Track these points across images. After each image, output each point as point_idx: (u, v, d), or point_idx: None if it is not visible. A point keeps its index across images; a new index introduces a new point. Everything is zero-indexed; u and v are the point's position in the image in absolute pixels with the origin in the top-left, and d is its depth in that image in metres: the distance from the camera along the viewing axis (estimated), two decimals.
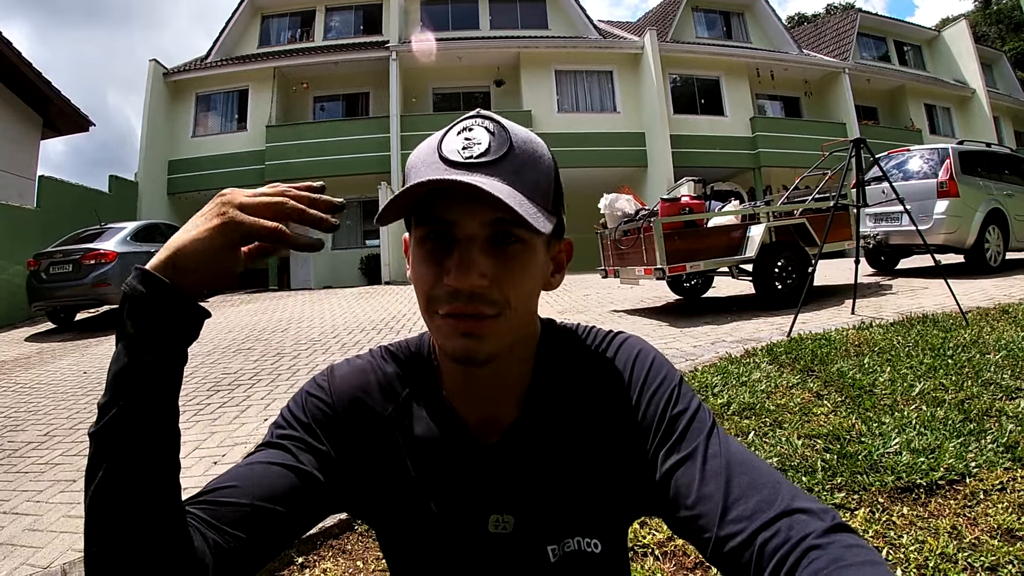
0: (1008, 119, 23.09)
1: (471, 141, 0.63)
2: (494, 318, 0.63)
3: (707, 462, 0.61)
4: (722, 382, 3.41)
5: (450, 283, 0.61)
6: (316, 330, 7.22)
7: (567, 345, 0.76)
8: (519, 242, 0.64)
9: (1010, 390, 2.90)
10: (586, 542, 0.70)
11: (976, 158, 8.14)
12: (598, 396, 0.71)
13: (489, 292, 0.62)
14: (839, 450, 2.38)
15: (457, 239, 0.62)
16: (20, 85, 11.92)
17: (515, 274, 0.64)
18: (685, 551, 1.92)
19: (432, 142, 0.66)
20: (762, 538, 0.53)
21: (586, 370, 0.73)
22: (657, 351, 0.74)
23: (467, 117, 0.66)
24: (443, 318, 0.64)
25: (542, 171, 0.66)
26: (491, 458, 0.71)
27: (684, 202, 6.54)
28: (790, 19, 40.47)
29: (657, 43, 16.94)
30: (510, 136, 0.64)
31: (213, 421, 4.00)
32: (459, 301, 0.62)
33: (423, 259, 0.65)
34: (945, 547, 1.77)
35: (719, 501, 0.57)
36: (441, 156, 0.63)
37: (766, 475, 0.59)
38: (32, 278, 9.02)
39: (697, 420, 0.65)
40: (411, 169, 0.66)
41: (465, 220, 0.62)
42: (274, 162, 15.70)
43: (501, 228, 0.62)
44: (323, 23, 18.59)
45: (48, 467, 3.44)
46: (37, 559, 2.36)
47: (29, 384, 5.81)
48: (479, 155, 0.62)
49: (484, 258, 0.62)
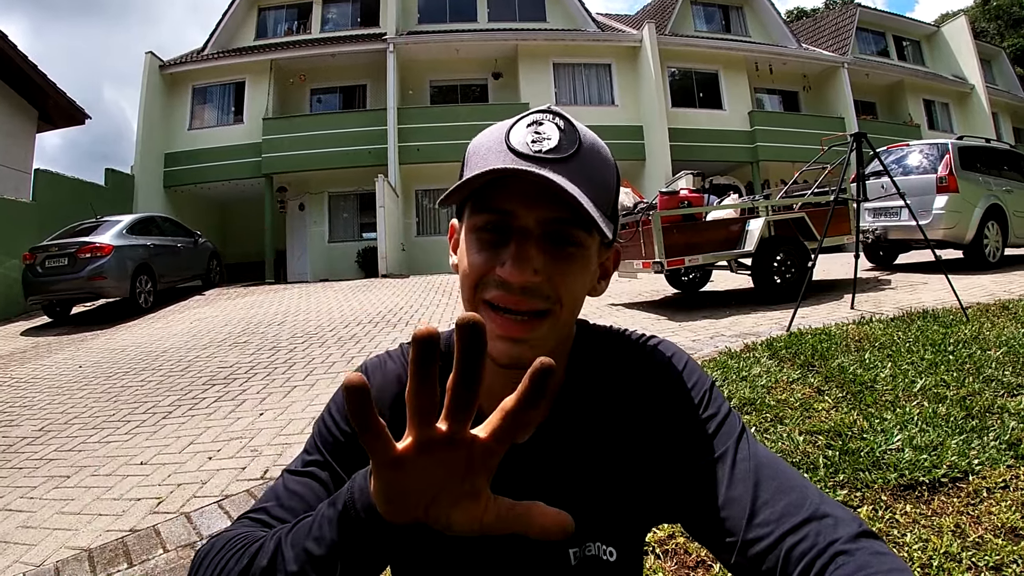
0: (1007, 115, 23.09)
1: (541, 135, 0.61)
2: (541, 317, 0.62)
3: (736, 465, 0.61)
4: (722, 377, 3.39)
5: (503, 275, 0.60)
6: (312, 323, 7.19)
7: (601, 347, 0.76)
8: (576, 244, 0.63)
9: (1012, 387, 2.88)
10: (603, 549, 0.69)
11: (975, 154, 8.11)
12: (630, 399, 0.71)
13: (541, 287, 0.61)
14: (841, 446, 2.36)
15: (515, 232, 0.61)
16: (16, 78, 11.82)
17: (568, 274, 0.63)
18: (686, 549, 1.90)
19: (498, 131, 0.64)
20: (789, 542, 0.53)
21: (619, 373, 0.73)
22: (689, 356, 0.74)
23: (537, 111, 0.64)
24: (490, 310, 0.62)
25: (609, 173, 0.65)
26: (517, 460, 0.69)
27: (683, 196, 6.51)
28: (789, 13, 40.30)
29: (656, 36, 16.84)
30: (579, 135, 0.62)
31: (208, 415, 3.97)
32: (510, 293, 0.61)
33: (478, 247, 0.63)
34: (949, 546, 1.76)
35: (747, 504, 0.57)
36: (509, 146, 0.61)
37: (794, 480, 0.59)
38: (28, 272, 8.97)
39: (727, 424, 0.65)
40: (473, 155, 0.65)
41: (526, 214, 0.61)
42: (271, 155, 15.58)
43: (560, 228, 0.61)
44: (320, 15, 18.43)
45: (42, 463, 3.41)
46: (30, 557, 2.33)
47: (24, 378, 5.77)
48: (549, 150, 0.60)
49: (540, 254, 0.61)
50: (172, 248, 10.88)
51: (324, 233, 17.01)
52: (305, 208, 17.05)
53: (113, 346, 6.95)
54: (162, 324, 8.27)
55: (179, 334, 7.27)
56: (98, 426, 3.98)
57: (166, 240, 10.81)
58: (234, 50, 17.47)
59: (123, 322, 8.74)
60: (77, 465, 3.30)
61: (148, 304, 9.68)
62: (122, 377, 5.31)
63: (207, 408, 4.15)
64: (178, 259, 11.06)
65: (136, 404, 4.40)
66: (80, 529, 2.52)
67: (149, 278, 9.81)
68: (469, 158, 0.66)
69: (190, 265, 11.58)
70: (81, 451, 3.53)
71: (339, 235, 17.07)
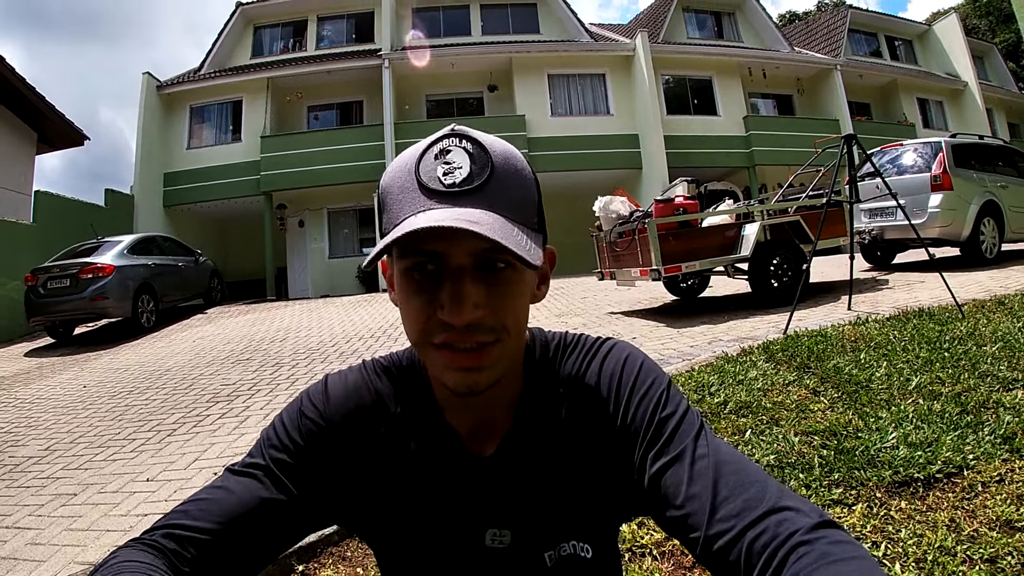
0: (1001, 111, 23.14)
1: (451, 166, 0.61)
2: (491, 345, 0.62)
3: (695, 463, 0.61)
4: (719, 381, 3.41)
5: (445, 318, 0.60)
6: (314, 339, 7.23)
7: (556, 353, 0.77)
8: (508, 267, 0.62)
9: (1007, 381, 2.90)
10: (579, 547, 0.71)
11: (969, 151, 8.16)
12: (588, 402, 0.72)
13: (485, 321, 0.61)
14: (836, 446, 2.39)
15: (445, 271, 0.61)
16: (14, 100, 11.93)
17: (508, 299, 0.63)
18: (683, 551, 1.93)
19: (407, 164, 0.63)
20: (750, 536, 0.54)
21: (575, 377, 0.74)
22: (645, 356, 0.75)
23: (442, 136, 0.63)
24: (439, 349, 0.63)
25: (526, 187, 0.65)
26: (487, 471, 0.71)
27: (678, 202, 6.55)
28: (781, 17, 40.63)
29: (649, 44, 16.96)
30: (490, 156, 0.62)
31: (213, 432, 4.00)
32: (455, 333, 0.61)
33: (413, 292, 0.63)
34: (944, 540, 1.78)
35: (707, 501, 0.58)
36: (420, 183, 0.61)
37: (754, 475, 0.59)
38: (30, 293, 9.02)
39: (685, 422, 0.65)
40: (387, 194, 0.64)
41: (453, 252, 0.60)
42: (270, 172, 15.67)
43: (489, 256, 0.61)
44: (315, 32, 18.58)
45: (49, 481, 3.43)
46: (39, 573, 2.36)
47: (29, 399, 5.80)
48: (462, 181, 0.60)
49: (476, 287, 0.60)
50: (173, 267, 10.94)
51: (324, 249, 17.07)
52: (305, 225, 17.12)
53: (116, 365, 6.99)
54: (164, 343, 8.30)
55: (182, 352, 7.30)
56: (104, 444, 4.01)
57: (167, 259, 10.87)
58: (231, 69, 17.60)
59: (126, 342, 8.77)
60: (84, 483, 3.33)
61: (150, 323, 9.73)
62: (126, 396, 5.34)
63: (211, 425, 4.18)
64: (179, 278, 11.12)
65: (141, 422, 4.43)
66: (88, 545, 2.54)
67: (151, 297, 9.86)
68: (384, 200, 0.65)
69: (191, 284, 11.63)
70: (88, 469, 3.55)
71: (339, 251, 17.14)
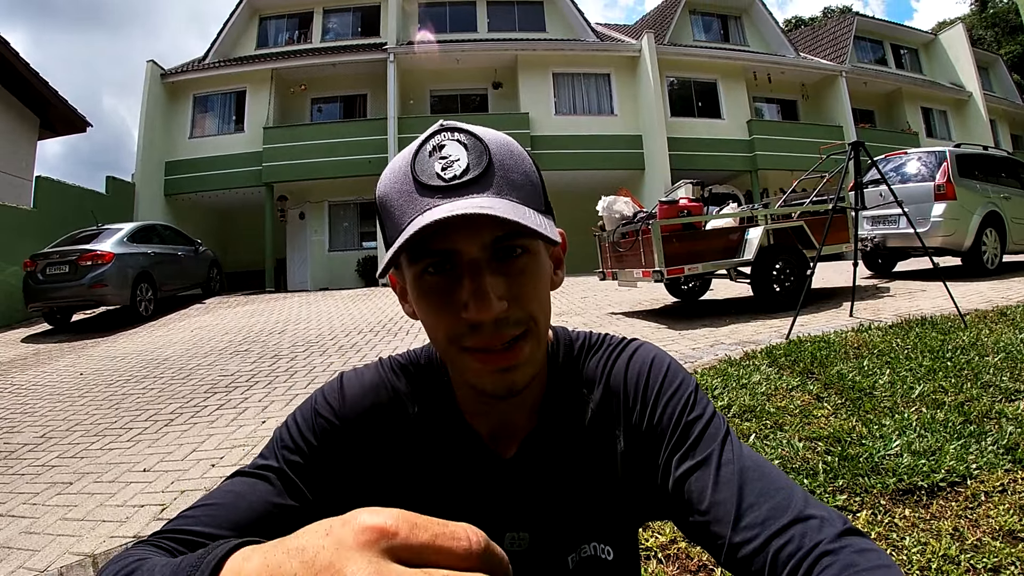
0: (1004, 122, 23.17)
1: (448, 159, 0.58)
2: (522, 338, 0.61)
3: (721, 468, 0.60)
4: (722, 384, 3.40)
5: (471, 317, 0.58)
6: (313, 332, 7.21)
7: (580, 353, 0.75)
8: (525, 252, 0.61)
9: (1009, 392, 2.90)
10: (601, 548, 0.70)
11: (973, 161, 8.16)
12: (613, 403, 0.71)
13: (512, 313, 0.59)
14: (840, 452, 2.38)
15: (461, 266, 0.59)
16: (17, 85, 11.90)
17: (529, 287, 0.61)
18: (688, 554, 1.92)
19: (401, 168, 0.61)
20: (775, 545, 0.53)
21: (600, 377, 0.73)
22: (672, 358, 0.73)
23: (433, 133, 0.61)
24: (471, 354, 0.60)
25: (527, 170, 0.63)
26: (509, 473, 0.70)
27: (682, 204, 6.53)
28: (787, 23, 40.58)
29: (654, 46, 16.94)
30: (485, 144, 0.60)
31: (211, 423, 3.98)
32: (484, 332, 0.59)
33: (431, 297, 0.61)
34: (947, 549, 1.77)
35: (732, 507, 0.57)
36: (420, 183, 0.58)
37: (779, 482, 0.59)
38: (29, 279, 9.00)
39: (712, 426, 0.64)
40: (386, 201, 0.61)
41: (466, 246, 0.58)
42: (271, 164, 15.64)
43: (504, 244, 0.59)
44: (321, 25, 18.53)
45: (45, 469, 3.41)
46: (34, 562, 2.34)
47: (25, 385, 5.78)
48: (463, 173, 0.58)
49: (496, 279, 0.59)
50: (173, 256, 10.91)
51: (324, 242, 17.05)
52: (305, 217, 17.09)
53: (114, 354, 6.97)
54: (163, 332, 8.28)
55: (180, 342, 7.28)
56: (100, 433, 3.99)
57: (167, 248, 10.85)
58: (235, 59, 17.56)
59: (123, 330, 8.75)
60: (80, 472, 3.31)
61: (148, 312, 9.71)
62: (123, 385, 5.32)
63: (209, 416, 4.16)
64: (179, 267, 11.10)
65: (138, 411, 4.41)
66: (83, 535, 2.53)
67: (150, 286, 9.84)
68: (384, 209, 0.62)
69: (190, 273, 11.61)
70: (83, 458, 3.53)
71: (339, 244, 17.13)
